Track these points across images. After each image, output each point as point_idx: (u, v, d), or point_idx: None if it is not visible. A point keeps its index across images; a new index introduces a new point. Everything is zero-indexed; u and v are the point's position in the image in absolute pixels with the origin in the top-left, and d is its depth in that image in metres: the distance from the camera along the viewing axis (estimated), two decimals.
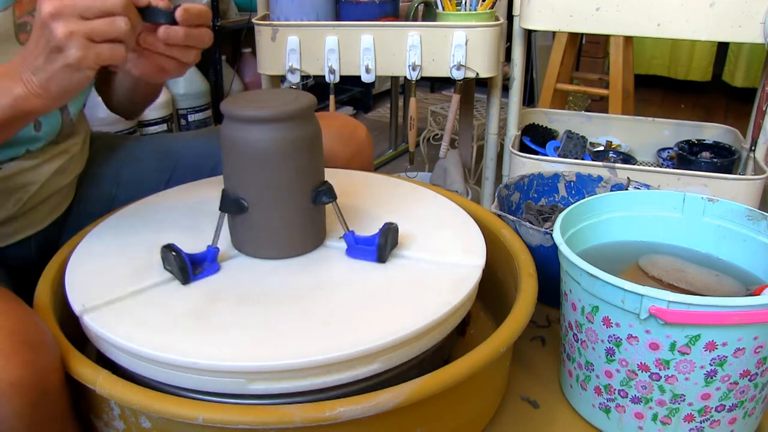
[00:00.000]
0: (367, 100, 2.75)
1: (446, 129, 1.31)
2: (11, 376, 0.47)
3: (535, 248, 0.75)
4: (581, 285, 0.59)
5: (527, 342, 0.77)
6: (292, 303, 0.57)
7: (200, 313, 0.56)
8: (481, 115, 1.91)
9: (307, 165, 0.62)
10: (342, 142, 0.87)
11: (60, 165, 0.75)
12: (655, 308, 0.53)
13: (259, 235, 0.63)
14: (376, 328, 0.53)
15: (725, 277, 0.67)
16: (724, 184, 1.06)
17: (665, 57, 2.95)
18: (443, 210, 0.76)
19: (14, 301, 0.53)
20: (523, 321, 0.58)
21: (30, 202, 0.72)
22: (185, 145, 0.90)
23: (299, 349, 0.51)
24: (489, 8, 1.19)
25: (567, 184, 0.93)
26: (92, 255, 0.65)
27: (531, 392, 0.68)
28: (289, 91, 0.65)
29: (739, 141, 1.25)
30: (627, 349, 0.57)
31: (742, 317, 0.52)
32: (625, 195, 0.74)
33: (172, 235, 0.68)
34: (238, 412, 0.48)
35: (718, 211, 0.71)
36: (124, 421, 0.53)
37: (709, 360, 0.54)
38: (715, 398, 0.56)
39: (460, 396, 0.55)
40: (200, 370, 0.51)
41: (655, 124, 1.37)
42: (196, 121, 1.93)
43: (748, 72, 2.75)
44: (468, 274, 0.62)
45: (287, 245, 0.64)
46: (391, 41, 1.16)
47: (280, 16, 1.21)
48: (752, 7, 1.00)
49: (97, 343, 0.57)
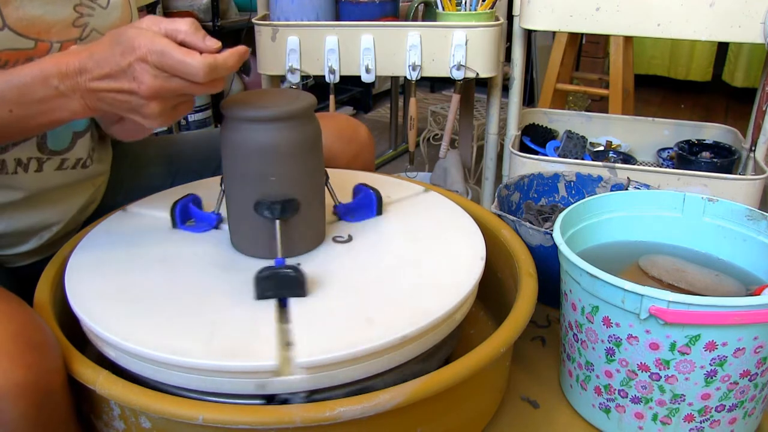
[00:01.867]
0: (367, 100, 2.75)
1: (446, 129, 1.31)
2: (16, 377, 0.47)
3: (535, 248, 0.75)
4: (581, 285, 0.59)
5: (527, 342, 0.76)
6: (309, 299, 0.58)
7: (218, 313, 0.56)
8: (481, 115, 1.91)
9: (307, 164, 0.62)
10: (343, 143, 0.87)
11: (84, 202, 0.77)
12: (655, 308, 0.53)
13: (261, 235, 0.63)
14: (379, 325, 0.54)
15: (725, 277, 0.67)
16: (724, 184, 1.06)
17: (665, 57, 2.95)
18: (443, 210, 0.76)
19: (16, 302, 0.53)
20: (523, 321, 0.58)
21: (51, 239, 0.74)
22: (187, 149, 0.90)
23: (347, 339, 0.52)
24: (489, 8, 1.19)
25: (567, 184, 0.93)
26: (92, 255, 0.65)
27: (531, 392, 0.68)
28: (290, 91, 0.65)
29: (739, 141, 1.25)
30: (627, 349, 0.57)
31: (742, 317, 0.52)
32: (625, 195, 0.74)
33: (171, 236, 0.69)
34: (238, 412, 0.48)
35: (718, 211, 0.71)
36: (124, 422, 0.53)
37: (709, 360, 0.54)
38: (715, 398, 0.56)
39: (460, 396, 0.55)
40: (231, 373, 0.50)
41: (655, 124, 1.37)
42: (196, 121, 1.93)
43: (748, 72, 2.75)
44: (468, 274, 0.62)
45: (289, 245, 0.64)
46: (391, 41, 1.16)
47: (280, 16, 1.21)
48: (752, 7, 1.00)
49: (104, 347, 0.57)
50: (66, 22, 0.66)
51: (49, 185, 0.71)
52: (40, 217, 0.71)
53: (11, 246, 0.72)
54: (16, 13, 0.61)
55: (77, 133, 0.72)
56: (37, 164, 0.68)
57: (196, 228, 0.70)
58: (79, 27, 0.68)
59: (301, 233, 0.64)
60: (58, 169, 0.71)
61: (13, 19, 0.61)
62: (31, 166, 0.68)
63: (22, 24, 0.62)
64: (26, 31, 0.62)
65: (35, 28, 0.63)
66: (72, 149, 0.71)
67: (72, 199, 0.75)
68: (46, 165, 0.69)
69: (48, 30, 0.64)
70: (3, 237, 0.70)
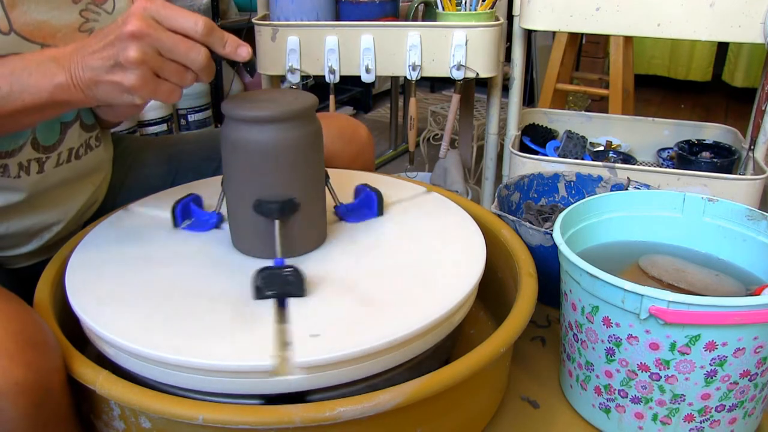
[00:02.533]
0: (367, 100, 2.75)
1: (446, 129, 1.31)
2: (16, 376, 0.47)
3: (535, 248, 0.75)
4: (581, 285, 0.59)
5: (527, 342, 0.76)
6: (311, 300, 0.57)
7: (217, 313, 0.55)
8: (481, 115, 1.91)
9: (309, 164, 0.62)
10: (344, 143, 0.87)
11: (84, 202, 0.76)
12: (655, 308, 0.53)
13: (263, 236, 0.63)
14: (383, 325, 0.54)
15: (725, 277, 0.67)
16: (724, 184, 1.06)
17: (665, 57, 2.95)
18: (443, 210, 0.76)
19: (15, 301, 0.53)
20: (523, 321, 0.58)
21: (51, 240, 0.74)
22: (187, 149, 0.90)
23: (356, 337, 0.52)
24: (489, 8, 1.19)
25: (567, 184, 0.93)
26: (93, 254, 0.65)
27: (531, 392, 0.68)
28: (290, 91, 0.64)
29: (738, 141, 1.25)
30: (627, 349, 0.57)
31: (742, 317, 0.52)
32: (625, 195, 0.74)
33: (172, 236, 0.69)
34: (238, 412, 0.47)
35: (718, 211, 0.71)
36: (124, 422, 0.53)
37: (709, 360, 0.54)
38: (715, 398, 0.56)
39: (460, 396, 0.55)
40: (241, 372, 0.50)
41: (655, 124, 1.37)
42: (195, 121, 1.93)
43: (748, 72, 2.75)
44: (468, 275, 0.62)
45: (291, 246, 0.64)
46: (391, 41, 1.16)
47: (280, 16, 1.21)
48: (752, 7, 1.00)
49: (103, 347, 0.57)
50: (72, 26, 0.66)
51: (49, 184, 0.70)
52: (40, 217, 0.71)
53: (12, 247, 0.72)
54: (23, 18, 0.61)
55: (65, 123, 0.71)
56: (38, 165, 0.68)
57: (196, 227, 0.70)
58: (85, 32, 0.68)
59: (301, 233, 0.64)
60: (57, 166, 0.71)
61: (20, 23, 0.61)
62: (32, 167, 0.68)
63: (29, 28, 0.62)
64: (32, 36, 0.62)
65: (41, 33, 0.63)
66: (63, 141, 0.70)
67: (72, 198, 0.75)
68: (46, 165, 0.69)
69: (54, 35, 0.64)
70: (4, 238, 0.70)
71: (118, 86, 0.52)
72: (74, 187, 0.75)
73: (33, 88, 0.53)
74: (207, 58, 0.52)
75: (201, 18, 0.52)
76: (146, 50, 0.50)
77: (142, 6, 0.50)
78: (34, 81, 0.53)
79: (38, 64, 0.54)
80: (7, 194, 0.67)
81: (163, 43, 0.50)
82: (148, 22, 0.50)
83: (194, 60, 0.52)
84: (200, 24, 0.51)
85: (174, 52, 0.51)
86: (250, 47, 0.56)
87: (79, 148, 0.73)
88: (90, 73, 0.52)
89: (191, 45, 0.51)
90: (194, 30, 0.51)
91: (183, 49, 0.51)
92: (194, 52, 0.51)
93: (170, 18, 0.51)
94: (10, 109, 0.54)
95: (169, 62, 0.52)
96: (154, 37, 0.50)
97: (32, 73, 0.53)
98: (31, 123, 0.62)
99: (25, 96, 0.54)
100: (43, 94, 0.54)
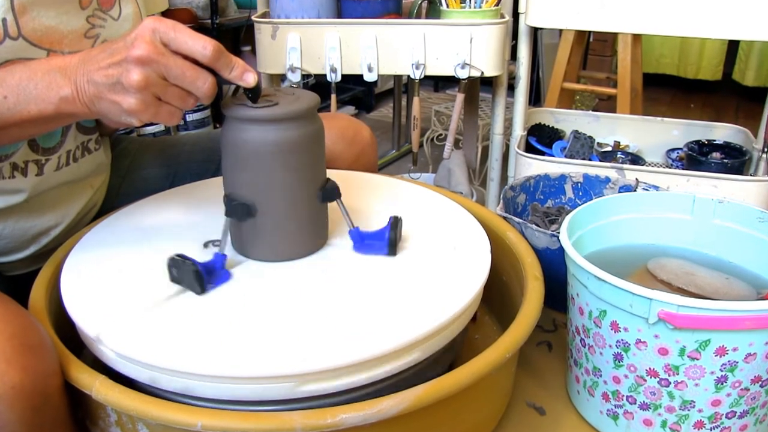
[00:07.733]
0: (369, 100, 2.74)
1: (450, 129, 1.30)
2: (13, 379, 0.46)
3: (541, 251, 0.74)
4: (588, 288, 0.58)
5: (533, 347, 0.76)
6: (318, 304, 0.57)
7: (228, 321, 0.55)
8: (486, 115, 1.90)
9: (311, 164, 0.61)
10: (346, 144, 0.87)
11: (83, 205, 0.76)
12: (664, 312, 0.52)
13: (265, 237, 0.62)
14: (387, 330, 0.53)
15: (736, 281, 0.66)
16: (734, 186, 1.05)
17: (674, 55, 2.93)
18: (447, 212, 0.75)
19: (12, 304, 0.53)
20: (529, 325, 0.58)
21: (50, 245, 0.73)
22: (187, 150, 0.90)
23: (348, 348, 0.51)
24: (494, 5, 1.18)
25: (574, 186, 0.92)
26: (89, 257, 0.64)
27: (537, 398, 0.67)
28: (291, 90, 0.64)
29: (750, 141, 1.23)
30: (635, 355, 0.56)
31: (754, 322, 0.51)
32: (633, 197, 0.73)
33: (170, 238, 0.68)
34: (238, 419, 0.47)
35: (729, 213, 0.70)
36: (121, 428, 0.52)
37: (720, 365, 0.54)
38: (726, 404, 0.56)
39: (464, 402, 0.55)
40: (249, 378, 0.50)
41: (664, 124, 1.35)
42: (194, 121, 1.94)
43: (759, 71, 2.73)
44: (472, 278, 0.61)
45: (294, 246, 0.63)
46: (393, 39, 1.15)
47: (281, 13, 1.20)
48: (763, 4, 0.98)
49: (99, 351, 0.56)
50: (78, 32, 0.66)
51: (48, 187, 0.70)
52: (39, 221, 0.71)
53: (10, 252, 0.71)
54: (31, 23, 0.62)
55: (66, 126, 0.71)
56: (37, 168, 0.68)
57: (218, 280, 0.61)
58: (91, 38, 0.68)
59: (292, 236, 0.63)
60: (57, 169, 0.70)
61: (29, 29, 0.62)
62: (30, 169, 0.67)
63: (37, 34, 0.62)
64: (40, 41, 0.63)
65: (48, 39, 0.64)
66: (63, 144, 0.71)
67: (71, 202, 0.74)
68: (46, 167, 0.69)
69: (60, 40, 0.65)
70: (1, 241, 0.70)
71: (118, 106, 0.52)
72: (73, 190, 0.74)
73: (39, 99, 0.54)
74: (212, 87, 0.53)
75: (210, 42, 0.52)
76: (150, 75, 0.50)
77: (151, 28, 0.50)
78: (40, 92, 0.54)
79: (44, 74, 0.54)
80: (6, 196, 0.67)
81: (170, 70, 0.51)
82: (155, 47, 0.50)
83: (199, 88, 0.52)
84: (209, 48, 0.51)
85: (180, 80, 0.52)
86: (257, 74, 0.56)
87: (76, 151, 0.73)
88: (93, 88, 0.53)
89: (198, 73, 0.52)
90: (202, 54, 0.51)
91: (189, 78, 0.52)
92: (200, 80, 0.52)
93: (178, 41, 0.51)
94: (17, 120, 0.55)
95: (173, 87, 0.52)
96: (161, 63, 0.50)
97: (38, 84, 0.54)
98: (37, 132, 0.63)
99: (31, 107, 0.54)
100: (49, 106, 0.54)
